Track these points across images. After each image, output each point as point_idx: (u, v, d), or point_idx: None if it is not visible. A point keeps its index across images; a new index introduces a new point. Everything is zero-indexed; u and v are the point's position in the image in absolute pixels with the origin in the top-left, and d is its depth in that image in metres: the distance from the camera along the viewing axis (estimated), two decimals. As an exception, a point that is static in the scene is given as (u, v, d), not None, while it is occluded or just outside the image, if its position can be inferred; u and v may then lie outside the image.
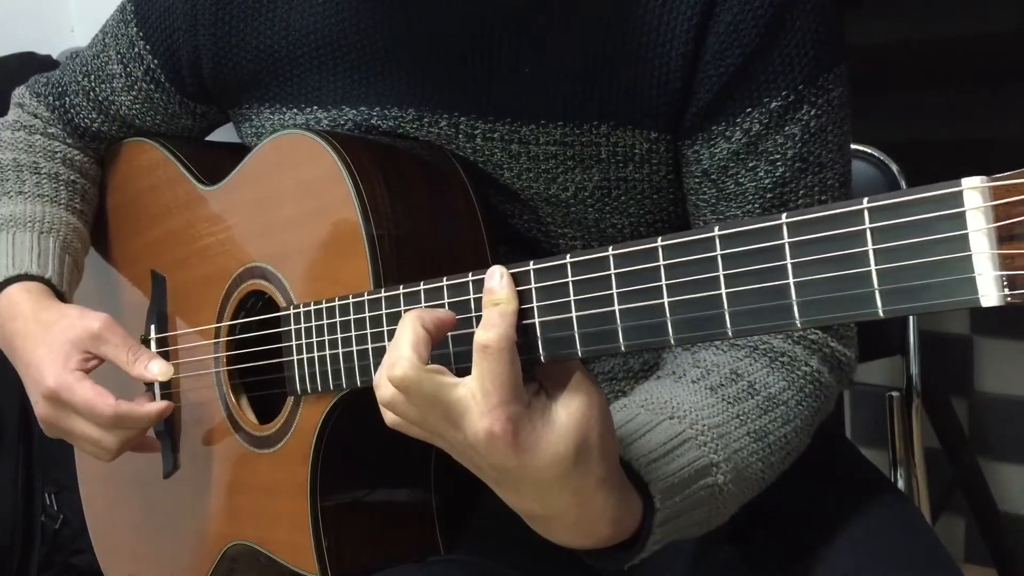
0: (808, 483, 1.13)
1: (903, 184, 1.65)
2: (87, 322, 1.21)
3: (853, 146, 1.59)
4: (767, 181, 1.07)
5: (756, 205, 1.08)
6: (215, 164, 1.28)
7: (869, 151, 1.66)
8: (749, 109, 1.05)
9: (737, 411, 0.99)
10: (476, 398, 0.81)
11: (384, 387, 0.85)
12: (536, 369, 0.84)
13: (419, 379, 0.82)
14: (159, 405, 1.20)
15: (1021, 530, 2.11)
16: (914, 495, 1.64)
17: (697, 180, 1.10)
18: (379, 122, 1.15)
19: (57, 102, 1.41)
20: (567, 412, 0.82)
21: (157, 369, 1.20)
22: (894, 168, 1.66)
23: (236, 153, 1.24)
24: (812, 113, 1.05)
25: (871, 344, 1.62)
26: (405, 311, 0.90)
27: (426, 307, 0.90)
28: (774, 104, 1.04)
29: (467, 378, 0.82)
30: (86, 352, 1.20)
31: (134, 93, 1.33)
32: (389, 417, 0.87)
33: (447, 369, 0.84)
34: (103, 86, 1.35)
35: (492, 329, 0.81)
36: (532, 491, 0.85)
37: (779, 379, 1.05)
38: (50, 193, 1.37)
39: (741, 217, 1.08)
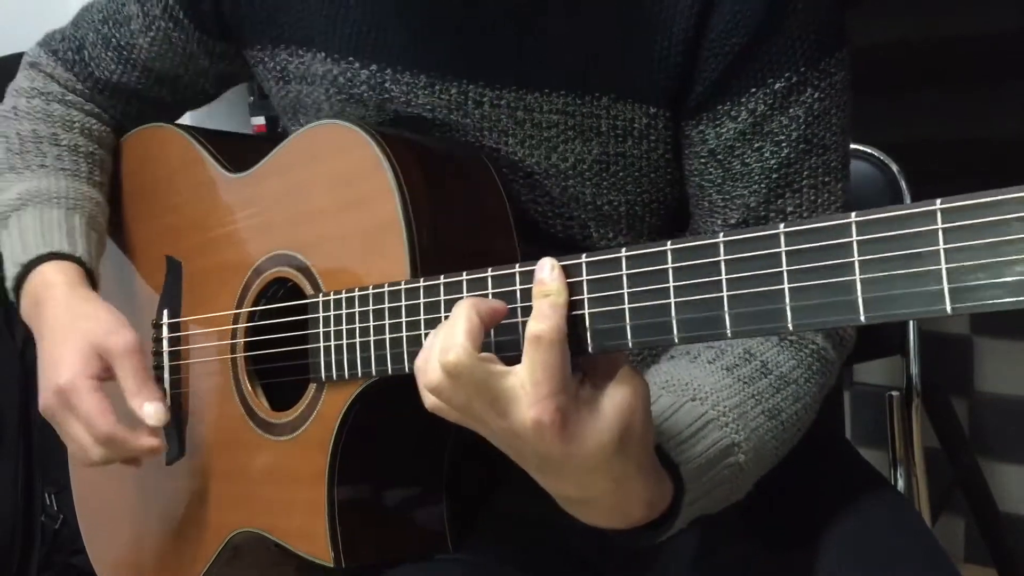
0: (806, 484, 1.14)
1: (903, 184, 1.65)
2: (114, 338, 1.20)
3: (853, 146, 1.60)
4: (772, 162, 1.08)
5: (762, 185, 1.09)
6: (240, 153, 1.28)
7: (869, 151, 1.66)
8: (754, 89, 1.06)
9: (752, 391, 1.01)
10: (526, 388, 0.81)
11: (432, 372, 0.85)
12: (581, 359, 0.84)
13: (472, 366, 0.82)
14: (152, 443, 1.18)
15: (1021, 530, 2.12)
16: (914, 495, 1.64)
17: (703, 160, 1.11)
18: (392, 86, 1.16)
19: (76, 56, 1.40)
20: (612, 404, 0.83)
21: (149, 410, 1.18)
22: (894, 168, 1.66)
23: (261, 144, 1.24)
24: (816, 96, 1.07)
25: (871, 344, 1.63)
26: (445, 300, 0.92)
27: (478, 295, 0.90)
28: (778, 85, 1.06)
29: (517, 367, 0.82)
30: (107, 363, 1.20)
31: (152, 34, 1.33)
32: (430, 401, 0.87)
33: (496, 357, 0.84)
34: (121, 30, 1.35)
35: (544, 320, 0.81)
36: (574, 478, 0.86)
37: (789, 357, 1.06)
38: (71, 167, 1.36)
39: (748, 197, 1.10)
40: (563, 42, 1.10)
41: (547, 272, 0.84)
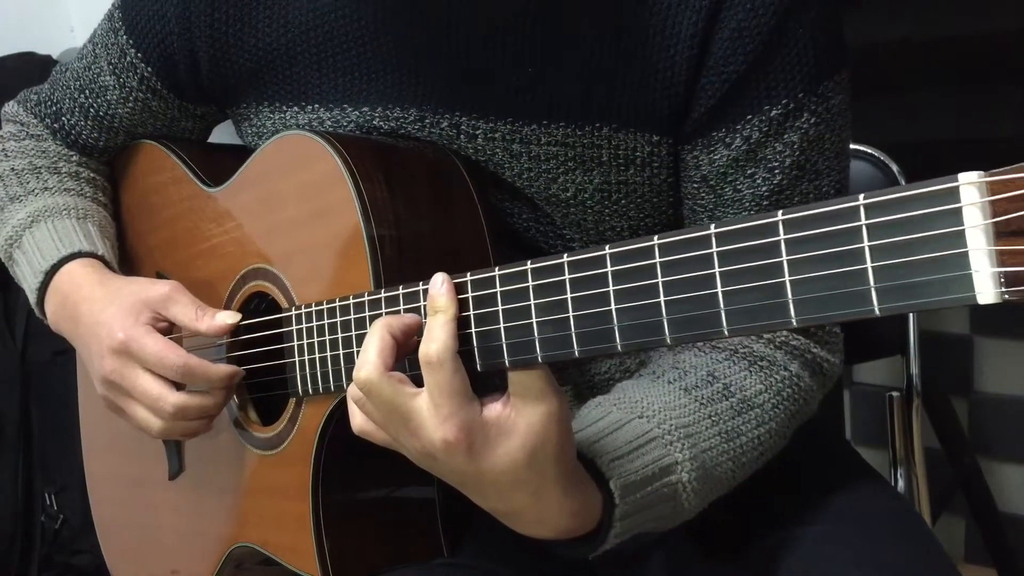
0: (806, 484, 1.14)
1: (903, 184, 1.64)
2: (157, 286, 1.18)
3: (853, 146, 1.59)
4: (764, 189, 1.07)
5: (752, 212, 1.08)
6: (219, 166, 1.27)
7: (869, 151, 1.66)
8: (750, 116, 1.05)
9: (709, 412, 1.01)
10: (430, 409, 0.85)
11: (351, 389, 0.89)
12: (509, 376, 0.86)
13: (380, 383, 0.86)
14: (229, 367, 1.16)
15: (1021, 530, 2.11)
16: (914, 495, 1.63)
17: (696, 186, 1.10)
18: (381, 123, 1.15)
19: (55, 124, 1.38)
20: (526, 423, 0.85)
21: (222, 318, 1.15)
22: (894, 168, 1.65)
23: (240, 155, 1.23)
24: (812, 121, 1.05)
25: (871, 344, 1.63)
26: (406, 310, 0.93)
27: (389, 312, 0.94)
28: (774, 112, 1.04)
29: (423, 388, 0.86)
30: (156, 312, 1.17)
31: (131, 104, 1.31)
32: (356, 422, 0.92)
33: (408, 379, 0.87)
34: (99, 100, 1.33)
35: (434, 342, 0.85)
36: (492, 492, 0.89)
37: (756, 382, 1.06)
38: (74, 188, 1.35)
39: None
40: (561, 73, 1.08)
41: (437, 287, 0.87)
